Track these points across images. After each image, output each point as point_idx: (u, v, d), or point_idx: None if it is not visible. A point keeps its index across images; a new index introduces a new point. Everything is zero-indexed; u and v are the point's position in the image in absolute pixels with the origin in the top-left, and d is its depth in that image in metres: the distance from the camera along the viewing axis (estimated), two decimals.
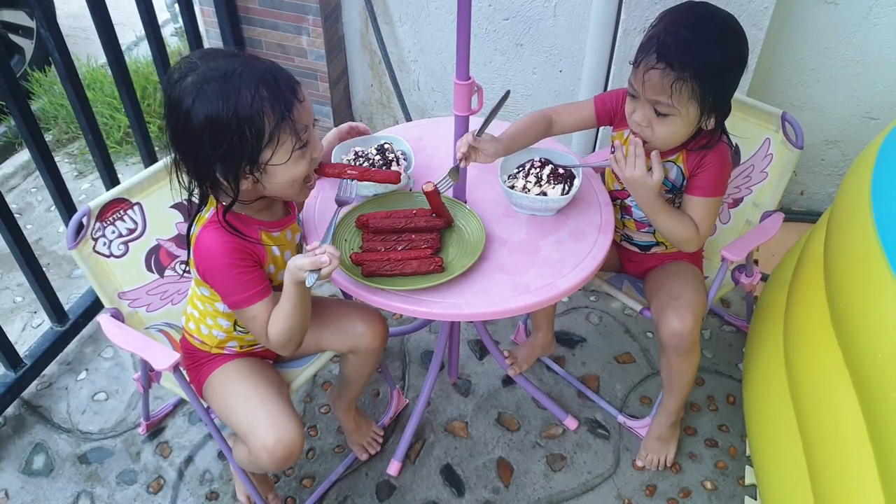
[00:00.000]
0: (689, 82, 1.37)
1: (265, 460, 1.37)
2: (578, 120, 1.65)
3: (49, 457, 1.89)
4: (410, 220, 1.50)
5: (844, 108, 2.35)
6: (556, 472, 1.85)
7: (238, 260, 1.29)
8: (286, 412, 1.41)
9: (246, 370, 1.49)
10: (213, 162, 1.20)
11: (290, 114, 1.20)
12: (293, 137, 1.22)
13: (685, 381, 1.70)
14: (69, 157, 2.93)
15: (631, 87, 1.47)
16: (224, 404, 1.46)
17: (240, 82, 1.16)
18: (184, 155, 1.24)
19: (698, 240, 1.55)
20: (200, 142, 1.18)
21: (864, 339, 1.27)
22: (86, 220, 1.50)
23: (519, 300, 1.38)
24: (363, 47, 2.69)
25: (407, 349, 2.16)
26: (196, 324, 1.50)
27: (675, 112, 1.42)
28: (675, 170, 1.56)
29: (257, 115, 1.17)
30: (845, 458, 1.32)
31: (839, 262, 1.44)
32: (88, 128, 2.02)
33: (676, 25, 1.39)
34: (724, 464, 1.86)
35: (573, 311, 2.27)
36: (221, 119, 1.15)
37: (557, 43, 2.40)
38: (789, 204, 2.62)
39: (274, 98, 1.18)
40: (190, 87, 1.16)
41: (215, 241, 1.28)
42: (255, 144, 1.19)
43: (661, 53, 1.38)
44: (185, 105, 1.16)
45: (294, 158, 1.24)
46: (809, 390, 1.50)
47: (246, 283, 1.29)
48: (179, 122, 1.18)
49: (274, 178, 1.25)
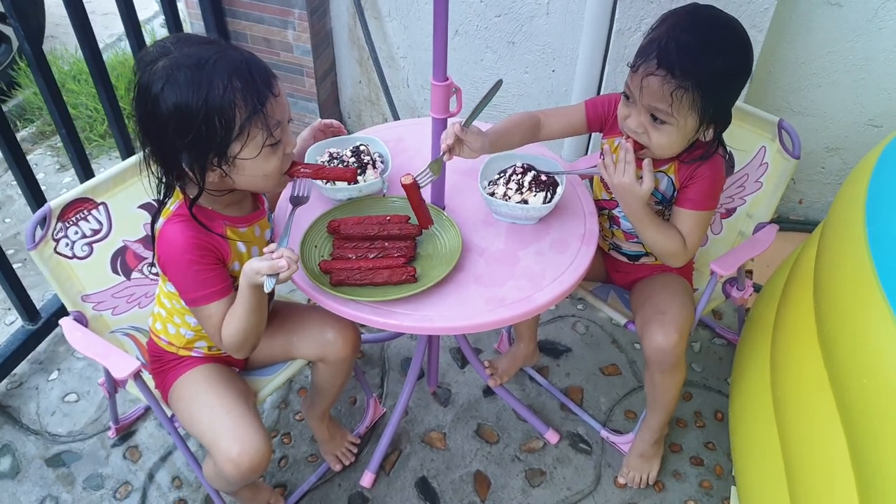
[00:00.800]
0: (691, 92, 1.30)
1: (230, 472, 1.32)
2: (568, 125, 1.57)
3: (16, 459, 1.84)
4: (384, 226, 1.44)
5: (847, 115, 2.27)
6: (534, 488, 1.79)
7: (199, 257, 1.24)
8: (251, 422, 1.35)
9: (211, 378, 1.43)
10: (180, 151, 1.16)
11: (263, 108, 1.16)
12: (264, 132, 1.18)
13: (669, 397, 1.64)
14: (52, 150, 2.87)
15: (627, 90, 1.39)
16: (188, 413, 1.40)
17: (213, 71, 1.12)
18: (150, 142, 1.19)
19: (685, 254, 1.48)
20: (167, 130, 1.14)
21: (850, 362, 1.21)
22: (46, 221, 1.45)
23: (494, 314, 1.32)
24: (352, 42, 2.62)
25: (387, 356, 2.10)
26: (163, 323, 1.45)
27: (673, 121, 1.34)
28: (666, 181, 1.50)
29: (228, 106, 1.12)
30: (828, 483, 1.26)
31: (828, 279, 1.37)
32: (62, 122, 1.96)
33: (679, 29, 1.31)
34: (710, 483, 1.80)
35: (559, 319, 2.20)
36: (190, 108, 1.11)
37: (550, 42, 2.32)
38: (787, 213, 2.54)
39: (247, 90, 1.14)
40: (160, 71, 1.12)
41: (179, 235, 1.24)
42: (224, 137, 1.15)
43: (663, 59, 1.30)
44: (153, 90, 1.12)
45: (264, 154, 1.20)
46: (793, 412, 1.44)
47: (205, 280, 1.25)
48: (147, 106, 1.14)
49: (243, 172, 1.21)
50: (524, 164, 1.52)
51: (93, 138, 2.88)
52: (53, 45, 3.45)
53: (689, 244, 1.47)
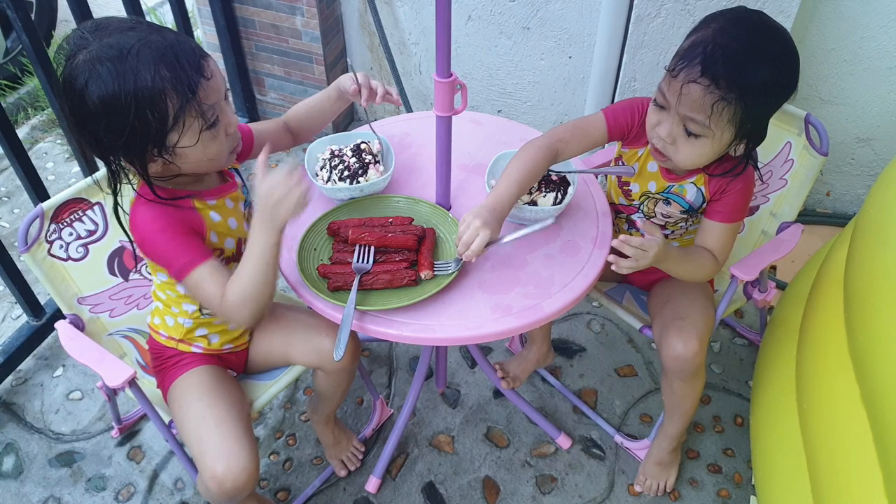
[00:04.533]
0: (733, 105, 1.21)
1: (213, 490, 1.27)
2: (590, 142, 1.44)
3: (19, 458, 1.82)
4: (386, 229, 1.37)
5: (880, 104, 2.16)
6: (545, 495, 1.73)
7: (171, 228, 1.19)
8: (241, 439, 1.29)
9: (206, 384, 1.37)
10: (116, 146, 1.11)
11: (196, 95, 1.10)
12: (200, 119, 1.12)
13: (689, 405, 1.57)
14: (62, 139, 2.83)
15: (661, 97, 1.29)
16: (181, 422, 1.36)
17: (137, 62, 1.05)
18: (84, 136, 1.13)
19: (717, 269, 1.43)
20: (98, 125, 1.08)
21: (884, 377, 1.13)
22: (39, 222, 1.40)
23: (499, 323, 1.26)
24: (362, 28, 2.54)
25: (395, 354, 2.05)
26: (161, 316, 1.41)
27: (709, 134, 1.25)
28: (694, 191, 1.41)
29: (158, 97, 1.06)
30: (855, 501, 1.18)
31: (861, 287, 1.28)
32: (63, 115, 1.91)
33: (726, 36, 1.21)
34: (728, 492, 1.73)
35: (573, 317, 2.13)
36: (119, 103, 1.05)
37: (567, 27, 2.23)
38: (814, 205, 2.44)
39: (177, 79, 1.07)
40: (82, 65, 1.05)
41: (148, 216, 1.19)
42: (159, 129, 1.09)
43: (708, 66, 1.20)
44: (77, 85, 1.05)
45: (204, 140, 1.14)
46: (821, 425, 1.35)
47: (184, 248, 1.19)
48: (74, 102, 1.07)
49: (187, 160, 1.16)
50: None
51: None
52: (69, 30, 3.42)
53: (721, 257, 1.42)
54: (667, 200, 1.46)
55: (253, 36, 2.53)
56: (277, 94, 2.71)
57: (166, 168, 1.17)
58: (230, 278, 1.20)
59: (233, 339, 1.45)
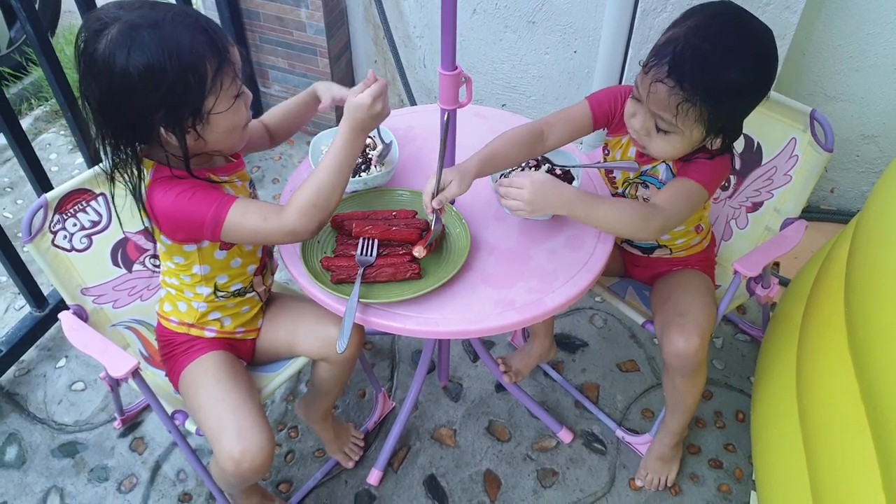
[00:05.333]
0: (698, 106, 1.20)
1: (230, 471, 1.28)
2: (574, 128, 1.45)
3: (22, 448, 1.83)
4: (390, 222, 1.37)
5: (885, 101, 2.15)
6: (546, 489, 1.73)
7: (192, 188, 1.20)
8: (256, 421, 1.31)
9: (221, 369, 1.39)
10: (155, 117, 1.11)
11: (229, 55, 1.14)
12: (234, 82, 1.16)
13: (690, 401, 1.57)
14: (65, 130, 2.83)
15: (636, 90, 1.29)
16: (196, 404, 1.37)
17: (174, 28, 1.08)
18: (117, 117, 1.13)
19: (656, 224, 1.28)
20: (138, 97, 1.09)
21: (883, 375, 1.12)
22: (42, 213, 1.41)
23: (502, 318, 1.26)
24: (367, 21, 2.53)
25: (397, 348, 2.05)
26: (172, 303, 1.41)
27: (678, 131, 1.26)
28: (664, 169, 1.41)
29: (198, 60, 1.10)
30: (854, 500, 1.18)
31: (862, 282, 1.28)
32: (67, 104, 1.91)
33: (700, 35, 1.19)
34: (728, 487, 1.73)
35: (576, 311, 2.13)
36: (164, 67, 1.07)
37: (572, 21, 2.22)
38: (818, 202, 2.43)
39: (211, 42, 1.11)
40: (119, 37, 1.06)
41: (168, 188, 1.19)
42: (199, 92, 1.12)
43: (674, 68, 1.19)
44: (118, 58, 1.06)
45: (235, 106, 1.18)
46: (820, 421, 1.35)
47: (210, 198, 1.19)
48: (112, 78, 1.07)
49: (216, 129, 1.18)
50: (538, 157, 1.45)
51: None
52: (73, 20, 3.41)
53: (664, 209, 1.29)
54: (644, 184, 1.46)
55: (257, 28, 2.53)
56: (281, 86, 2.71)
57: (195, 144, 1.19)
58: (299, 187, 1.20)
59: (245, 322, 1.46)
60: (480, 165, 1.31)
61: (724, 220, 1.78)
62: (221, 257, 1.34)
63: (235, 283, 1.39)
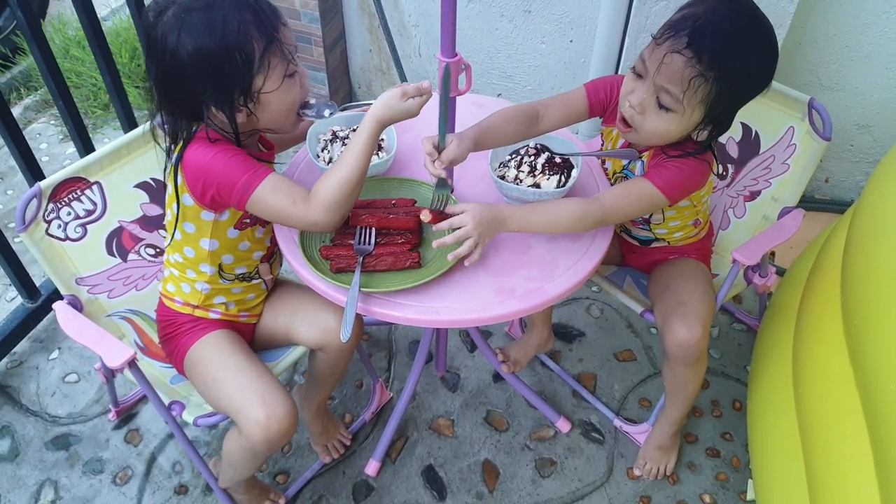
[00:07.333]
0: (710, 84, 1.19)
1: (258, 438, 1.28)
2: (570, 113, 1.45)
3: (15, 441, 1.81)
4: (388, 211, 1.36)
5: (880, 91, 2.15)
6: (544, 478, 1.73)
7: (230, 151, 1.22)
8: (277, 387, 1.33)
9: (232, 344, 1.39)
10: (205, 96, 1.16)
11: (278, 34, 1.16)
12: (283, 62, 1.18)
13: (691, 390, 1.57)
14: (55, 119, 2.80)
15: (640, 64, 1.27)
16: (212, 376, 1.36)
17: (223, 9, 1.12)
18: (172, 97, 1.19)
19: (593, 216, 1.29)
20: (190, 76, 1.14)
21: (878, 363, 1.13)
22: (36, 202, 1.39)
23: (503, 306, 1.25)
24: (362, 9, 2.51)
25: (394, 338, 2.04)
26: (176, 283, 1.41)
27: (679, 110, 1.24)
28: (640, 166, 1.41)
29: (245, 39, 1.13)
30: (849, 484, 1.19)
31: (858, 271, 1.28)
32: (59, 94, 1.88)
33: (718, 15, 1.19)
34: (726, 476, 1.73)
35: (573, 302, 2.13)
36: (210, 48, 1.12)
37: (568, 10, 2.21)
38: (812, 192, 2.44)
39: (259, 22, 1.14)
40: (172, 20, 1.12)
41: (207, 145, 1.22)
42: (246, 72, 1.15)
43: (695, 39, 1.18)
44: (170, 40, 1.12)
45: (286, 85, 1.21)
46: (815, 408, 1.36)
47: (247, 164, 1.21)
48: (165, 59, 1.14)
49: (268, 108, 1.21)
50: (538, 145, 1.44)
51: (96, 109, 2.81)
52: (61, 9, 3.37)
53: (606, 210, 1.29)
54: (625, 178, 1.46)
55: None
56: None
57: (248, 121, 1.21)
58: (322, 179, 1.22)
59: (249, 307, 1.47)
60: (478, 135, 1.31)
61: (722, 209, 1.78)
62: (234, 236, 1.34)
63: (240, 266, 1.40)
